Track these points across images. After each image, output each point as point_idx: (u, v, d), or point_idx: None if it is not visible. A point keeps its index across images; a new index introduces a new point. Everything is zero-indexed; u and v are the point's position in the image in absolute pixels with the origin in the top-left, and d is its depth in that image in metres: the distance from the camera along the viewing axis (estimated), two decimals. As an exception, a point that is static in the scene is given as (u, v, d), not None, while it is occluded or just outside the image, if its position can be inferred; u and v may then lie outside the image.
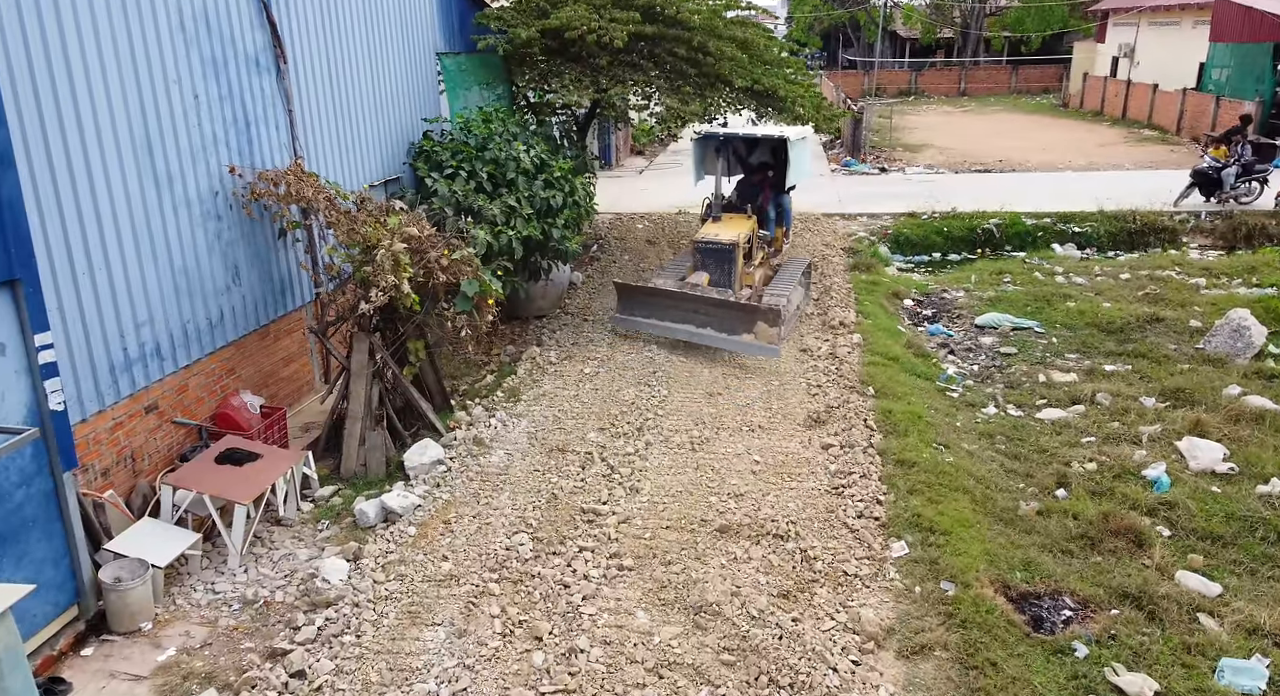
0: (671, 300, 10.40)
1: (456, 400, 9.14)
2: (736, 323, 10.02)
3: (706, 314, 10.14)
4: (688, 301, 10.29)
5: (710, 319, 10.13)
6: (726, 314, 10.08)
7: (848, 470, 7.34)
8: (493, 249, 9.42)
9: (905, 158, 24.75)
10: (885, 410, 8.53)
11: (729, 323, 10.05)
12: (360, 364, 7.55)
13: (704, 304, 10.19)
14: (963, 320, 12.04)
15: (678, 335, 10.28)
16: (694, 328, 10.20)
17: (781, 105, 12.91)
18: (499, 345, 10.90)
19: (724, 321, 10.08)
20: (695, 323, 10.20)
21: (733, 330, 10.01)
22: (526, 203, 10.00)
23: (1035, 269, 13.88)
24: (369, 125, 9.83)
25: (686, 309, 10.27)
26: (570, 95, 11.18)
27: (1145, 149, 25.17)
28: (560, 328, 11.29)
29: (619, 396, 8.97)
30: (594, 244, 15.80)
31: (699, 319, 10.19)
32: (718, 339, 10.06)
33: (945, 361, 10.62)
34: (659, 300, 10.51)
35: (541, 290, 11.69)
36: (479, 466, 7.47)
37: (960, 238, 16.73)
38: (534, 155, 10.41)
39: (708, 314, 10.14)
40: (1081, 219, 16.80)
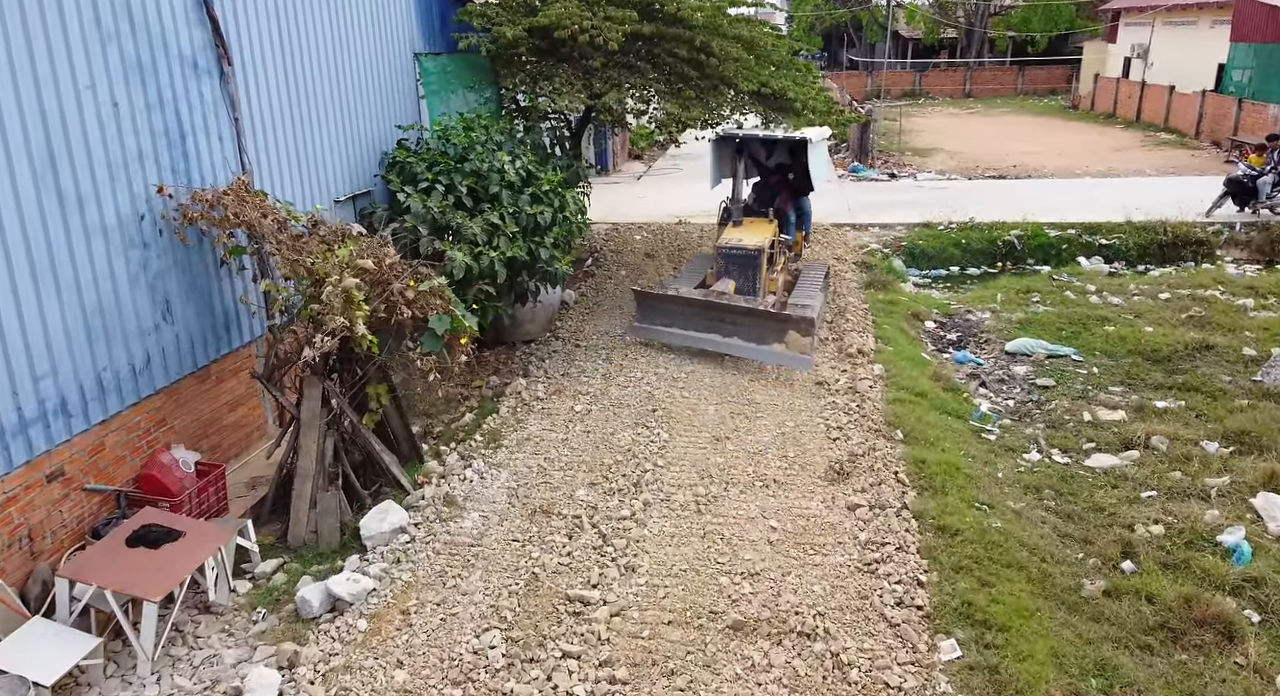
0: (695, 308, 9.91)
1: (430, 444, 8.08)
2: (766, 332, 9.58)
3: (734, 323, 9.69)
4: (713, 310, 9.81)
5: (738, 328, 9.68)
6: (755, 323, 9.62)
7: (880, 540, 6.29)
8: (472, 272, 8.37)
9: (915, 163, 23.72)
10: (917, 459, 7.48)
11: (758, 332, 9.61)
12: (311, 413, 6.49)
13: (731, 312, 9.72)
14: (991, 346, 11.00)
15: (703, 345, 9.79)
16: (720, 337, 9.73)
17: (791, 109, 11.85)
18: (482, 375, 9.84)
19: (752, 331, 9.63)
20: (721, 332, 9.74)
21: (762, 340, 9.57)
22: (511, 219, 8.95)
23: (1065, 286, 12.84)
24: (334, 133, 8.77)
25: (712, 318, 9.82)
26: (561, 99, 10.16)
27: (1165, 153, 24.15)
28: (550, 355, 10.23)
29: (613, 441, 7.91)
30: (589, 258, 14.74)
31: (725, 328, 9.74)
32: (746, 349, 9.58)
33: (977, 395, 9.58)
34: (682, 308, 10.00)
35: (530, 313, 10.63)
36: (448, 534, 6.41)
37: (979, 250, 15.69)
38: (520, 166, 9.36)
39: (735, 323, 9.68)
40: (1108, 230, 15.77)
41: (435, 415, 8.74)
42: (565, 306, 12.11)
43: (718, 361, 9.89)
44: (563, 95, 10.23)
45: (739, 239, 10.58)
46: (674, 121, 11.14)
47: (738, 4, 12.62)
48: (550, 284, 9.48)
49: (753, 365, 9.76)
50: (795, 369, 9.37)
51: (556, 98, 10.20)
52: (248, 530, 6.11)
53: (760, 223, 11.24)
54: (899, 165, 23.28)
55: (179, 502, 6.06)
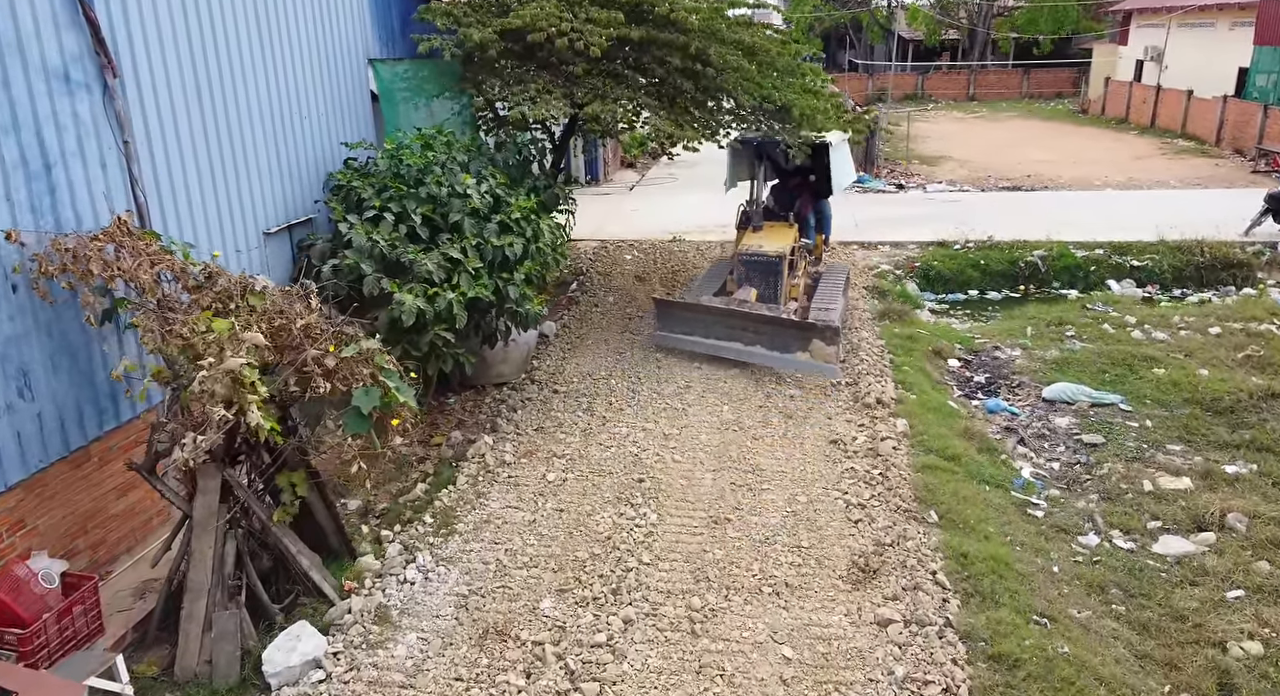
0: (717, 316, 9.78)
1: (371, 526, 6.77)
2: (790, 341, 9.44)
3: (756, 331, 9.57)
4: (734, 318, 9.68)
5: (760, 337, 9.55)
6: (779, 332, 9.48)
7: (922, 675, 4.98)
8: (425, 317, 7.07)
9: (923, 172, 22.44)
10: (957, 551, 6.18)
11: (782, 341, 9.46)
12: (207, 511, 5.17)
13: (754, 321, 9.58)
14: (1026, 391, 9.70)
15: (725, 353, 9.67)
16: (741, 345, 9.62)
17: (799, 123, 10.55)
18: (443, 429, 8.52)
19: (776, 339, 9.48)
20: (743, 340, 9.63)
21: (786, 348, 9.43)
22: (474, 253, 7.64)
23: (1101, 318, 11.55)
24: (264, 153, 7.46)
25: (733, 325, 9.68)
26: (538, 108, 8.87)
27: (1186, 163, 22.91)
28: (524, 403, 8.91)
29: (590, 524, 6.60)
30: (573, 281, 13.44)
31: (747, 336, 9.61)
32: (769, 358, 9.47)
33: (1016, 456, 8.28)
34: (703, 317, 9.87)
35: (501, 353, 9.32)
36: (375, 668, 5.08)
37: (999, 272, 14.41)
38: (486, 190, 8.05)
39: (757, 331, 9.56)
40: (1139, 250, 14.50)
41: (381, 484, 7.42)
42: (544, 340, 10.79)
43: (715, 410, 8.59)
44: (539, 104, 8.93)
45: (760, 245, 10.40)
46: (667, 139, 9.83)
47: (737, 4, 11.30)
48: (520, 327, 8.16)
49: (756, 418, 8.47)
50: (823, 378, 9.21)
51: (532, 107, 8.91)
52: (116, 669, 4.79)
53: (781, 227, 10.96)
54: (906, 175, 22.00)
55: (32, 634, 4.73)
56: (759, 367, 9.77)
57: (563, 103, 9.10)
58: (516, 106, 9.02)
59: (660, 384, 9.34)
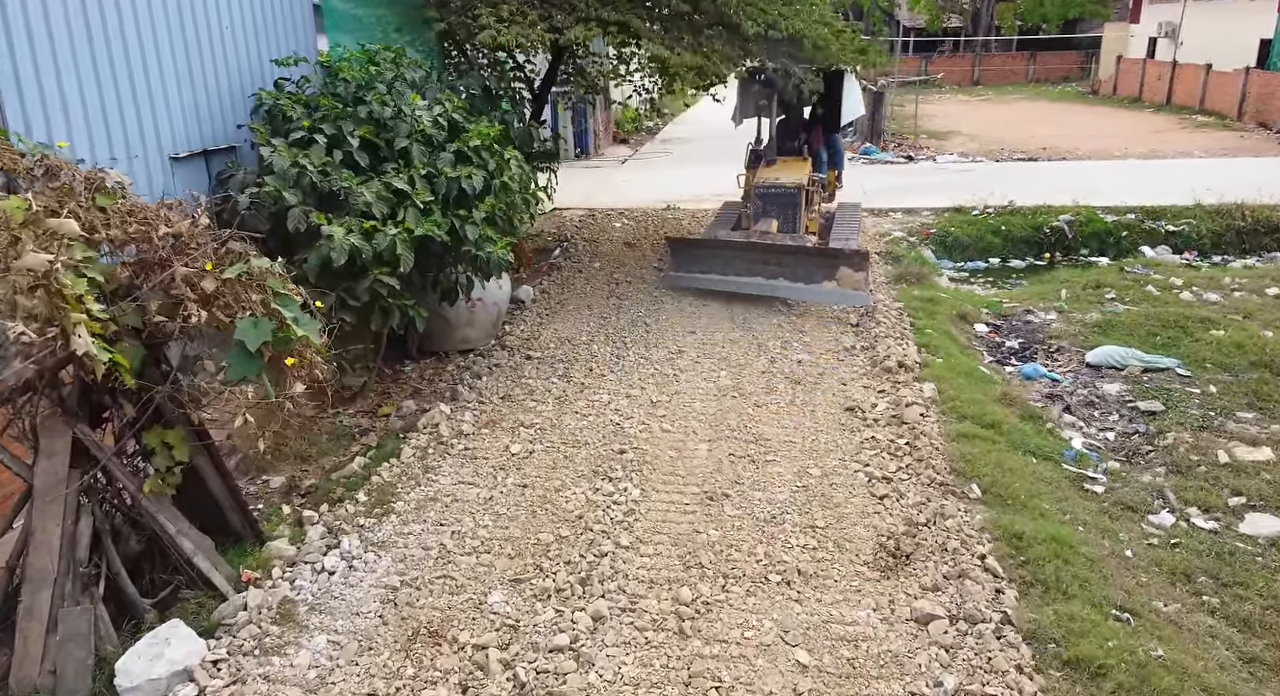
0: (735, 251, 9.45)
1: (294, 506, 5.58)
2: (815, 270, 9.09)
3: (779, 263, 9.19)
4: (755, 251, 9.32)
5: (783, 269, 9.17)
6: (803, 261, 9.11)
7: (980, 687, 3.80)
8: (362, 257, 5.88)
9: (933, 146, 21.26)
10: (1009, 531, 5.00)
11: (806, 271, 9.11)
12: (51, 478, 3.99)
13: (776, 252, 9.22)
14: (1066, 357, 8.51)
15: (746, 289, 9.26)
16: (764, 279, 9.21)
17: (812, 57, 9.35)
18: (395, 397, 7.33)
19: (800, 270, 9.12)
20: (765, 274, 9.23)
21: (810, 279, 9.07)
22: (424, 185, 6.45)
23: (1142, 280, 10.36)
24: (169, 62, 6.24)
25: (754, 260, 9.29)
26: (508, 34, 7.64)
27: (1209, 135, 21.73)
28: (490, 369, 7.72)
29: (559, 502, 5.42)
30: (555, 248, 12.25)
31: (770, 269, 9.22)
32: (794, 289, 9.09)
33: (1063, 425, 7.09)
34: (720, 253, 9.51)
35: (467, 314, 8.13)
36: (265, 681, 3.89)
37: (1022, 239, 13.22)
38: (440, 114, 6.86)
39: (780, 263, 9.18)
40: (1174, 215, 13.32)
41: (312, 459, 6.23)
42: (519, 306, 9.60)
43: (712, 376, 7.41)
44: (511, 30, 7.72)
45: (776, 177, 10.12)
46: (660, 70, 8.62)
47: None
48: (482, 274, 6.96)
49: (759, 384, 7.29)
50: (852, 306, 8.91)
51: (503, 32, 7.71)
52: (-87, 685, 3.61)
53: (795, 161, 10.68)
54: (915, 148, 20.82)
55: None
56: (762, 331, 8.60)
57: (540, 28, 7.89)
58: (485, 31, 7.80)
59: (649, 349, 8.16)
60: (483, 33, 7.80)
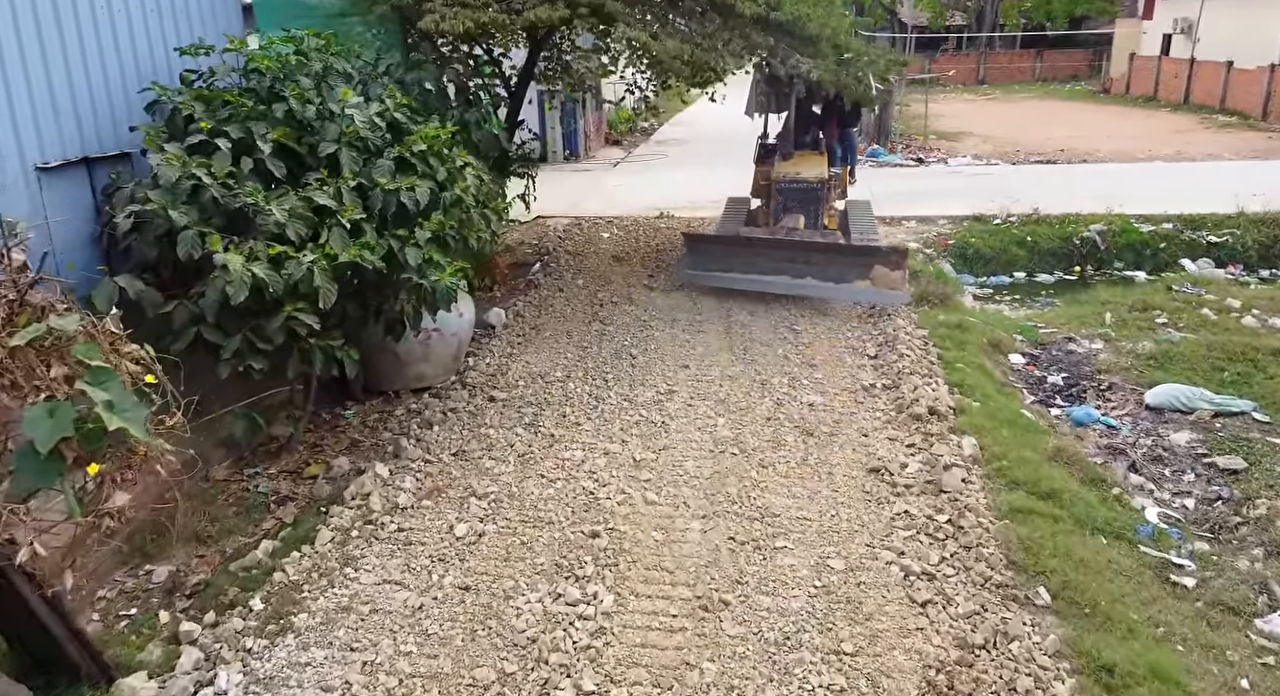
0: (759, 249, 8.99)
1: (174, 613, 4.36)
2: (846, 268, 8.63)
3: (806, 261, 8.73)
4: (780, 249, 8.88)
5: (811, 267, 8.71)
6: (834, 259, 8.65)
7: None
8: (270, 293, 4.69)
9: (944, 147, 20.07)
10: (1094, 660, 3.81)
11: (837, 269, 8.64)
12: None
13: (805, 250, 8.80)
14: (1120, 396, 7.32)
15: (771, 288, 8.79)
16: (790, 278, 8.76)
17: (813, 47, 8.16)
18: (328, 452, 6.11)
19: (830, 269, 8.65)
20: (791, 272, 8.77)
21: (842, 278, 8.61)
22: (355, 199, 5.25)
23: (1194, 301, 9.17)
24: (32, 44, 5.03)
25: (778, 258, 8.83)
26: (452, 20, 6.40)
27: (1235, 136, 20.56)
28: (445, 415, 6.50)
29: (508, 616, 4.20)
30: (536, 262, 11.04)
31: (796, 267, 8.76)
32: (824, 289, 8.66)
33: (1130, 488, 5.89)
34: (742, 251, 9.04)
35: (420, 347, 6.92)
36: None
37: (1050, 251, 12.06)
38: (378, 113, 5.66)
39: (808, 261, 8.73)
40: (1215, 224, 12.14)
41: (211, 541, 5.00)
42: (488, 332, 8.40)
43: (707, 424, 6.21)
44: (460, 15, 6.49)
45: (797, 171, 9.74)
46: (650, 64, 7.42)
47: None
48: (426, 308, 5.75)
49: (764, 435, 6.10)
50: (889, 307, 8.46)
51: (450, 17, 6.48)
52: None
53: (811, 156, 10.28)
54: (925, 150, 19.63)
55: None
56: (766, 364, 7.41)
57: (495, 9, 6.66)
58: (429, 15, 6.57)
59: (634, 387, 6.96)
60: (425, 18, 6.58)
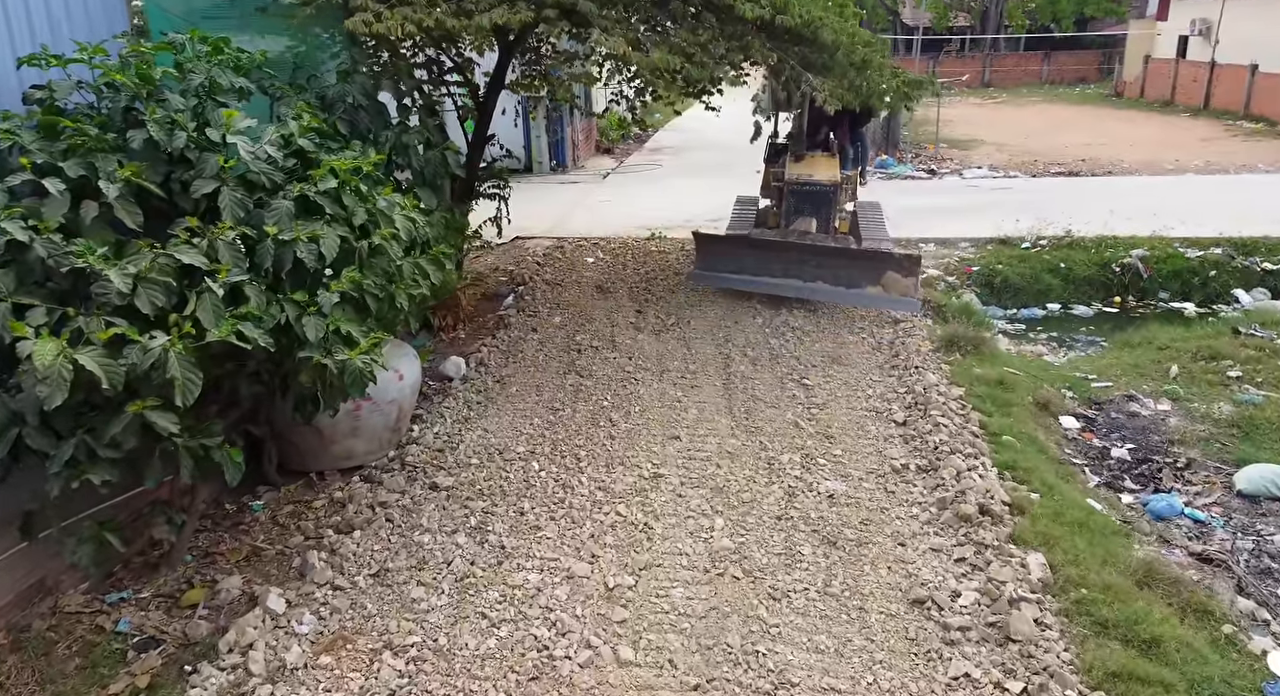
0: (772, 251, 8.92)
1: None
2: (858, 273, 8.61)
3: (818, 265, 8.71)
4: (792, 252, 8.83)
5: (822, 271, 8.69)
6: (845, 264, 8.65)
7: None
8: (106, 386, 3.42)
9: (956, 157, 18.80)
10: None
11: (849, 274, 8.63)
12: None
13: (816, 254, 8.76)
14: (1202, 475, 6.04)
15: (782, 291, 8.77)
16: (801, 282, 8.74)
17: (824, 55, 6.89)
18: (224, 563, 4.81)
19: (842, 273, 8.64)
20: (803, 276, 8.75)
21: (853, 283, 8.60)
22: (233, 255, 3.96)
23: (1267, 348, 7.88)
24: None
25: (790, 260, 8.79)
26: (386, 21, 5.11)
27: (1267, 145, 19.29)
28: (373, 512, 5.18)
29: None
30: (510, 293, 9.75)
31: (808, 271, 8.73)
32: (835, 294, 8.64)
33: (1242, 620, 4.60)
34: (754, 252, 8.98)
35: (348, 421, 5.62)
36: None
37: (1086, 279, 10.78)
38: (274, 140, 4.37)
39: (820, 265, 8.71)
40: (1269, 250, 10.89)
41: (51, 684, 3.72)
42: (444, 386, 7.11)
43: (701, 525, 4.93)
44: (395, 14, 5.21)
45: (809, 173, 9.55)
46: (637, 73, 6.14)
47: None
48: (326, 399, 4.45)
49: (773, 543, 4.82)
50: (902, 313, 8.37)
51: (385, 18, 5.21)
52: None
53: (823, 157, 9.97)
54: (937, 159, 18.37)
55: None
56: (773, 432, 6.16)
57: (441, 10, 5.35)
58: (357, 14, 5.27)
59: (611, 468, 5.68)
60: (354, 17, 5.28)
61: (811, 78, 6.46)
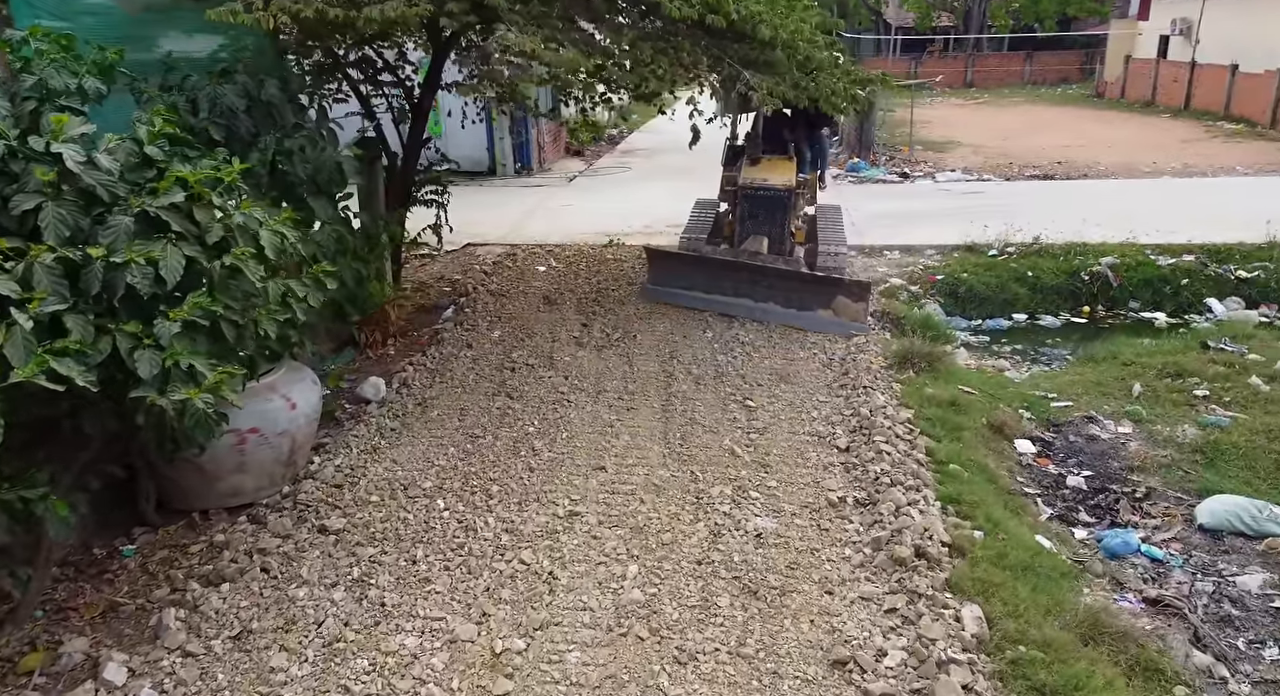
0: (723, 270, 8.74)
1: None
2: (809, 297, 8.42)
3: (769, 286, 8.53)
4: (742, 271, 8.66)
5: (774, 292, 8.50)
6: (796, 287, 8.45)
7: None
8: None
9: (931, 159, 18.42)
10: None
11: (800, 297, 8.44)
12: None
13: (766, 275, 8.56)
14: (1161, 506, 5.62)
15: (733, 311, 8.59)
16: (752, 302, 8.56)
17: (763, 52, 6.44)
18: (74, 621, 4.32)
19: (793, 295, 8.45)
20: (755, 296, 8.56)
21: (804, 305, 8.42)
22: (52, 280, 3.46)
23: (1238, 364, 7.50)
24: None
25: (740, 280, 8.65)
26: (268, 15, 4.64)
27: (1246, 147, 19.02)
28: (249, 561, 4.66)
29: None
30: (450, 305, 9.27)
31: (760, 291, 8.54)
32: (785, 316, 8.43)
33: (1196, 674, 4.17)
34: (705, 270, 8.80)
35: (234, 455, 5.11)
36: None
37: (1054, 288, 10.38)
38: (117, 147, 3.87)
39: (771, 286, 8.53)
40: (1244, 257, 10.53)
41: None
42: (360, 410, 6.61)
43: (612, 574, 4.46)
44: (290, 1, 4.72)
45: (764, 177, 9.23)
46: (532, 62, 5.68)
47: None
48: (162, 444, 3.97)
49: (688, 594, 4.36)
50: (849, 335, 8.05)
51: (271, 7, 4.73)
52: None
53: (780, 160, 9.70)
54: (910, 162, 17.98)
55: None
56: (708, 461, 5.71)
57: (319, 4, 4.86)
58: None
59: (525, 506, 5.21)
60: (218, 8, 4.78)
61: (749, 76, 5.99)
